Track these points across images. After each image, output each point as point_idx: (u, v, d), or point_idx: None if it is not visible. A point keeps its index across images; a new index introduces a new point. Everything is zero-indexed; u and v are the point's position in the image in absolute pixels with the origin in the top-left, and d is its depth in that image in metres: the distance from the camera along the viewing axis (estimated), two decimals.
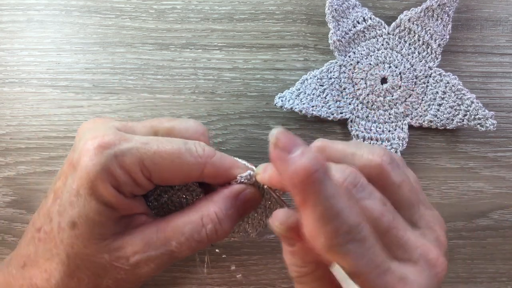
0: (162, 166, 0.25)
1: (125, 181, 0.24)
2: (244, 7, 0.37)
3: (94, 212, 0.24)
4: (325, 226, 0.19)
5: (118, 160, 0.24)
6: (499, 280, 0.36)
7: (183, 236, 0.25)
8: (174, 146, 0.25)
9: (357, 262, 0.19)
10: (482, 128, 0.34)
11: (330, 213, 0.19)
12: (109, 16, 0.36)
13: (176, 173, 0.25)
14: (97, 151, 0.24)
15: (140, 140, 0.25)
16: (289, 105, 0.35)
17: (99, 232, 0.24)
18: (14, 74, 0.36)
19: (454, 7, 0.35)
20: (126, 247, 0.24)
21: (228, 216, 0.26)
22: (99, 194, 0.24)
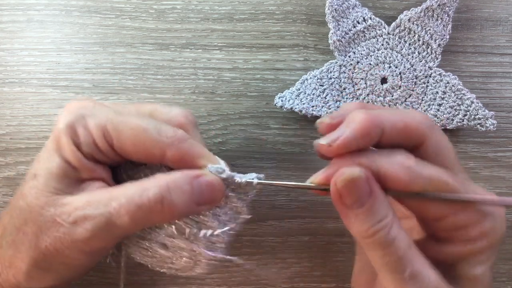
0: (125, 136, 0.24)
1: (86, 141, 0.25)
2: (244, 7, 0.37)
3: (54, 166, 0.24)
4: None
5: (83, 120, 0.25)
6: (499, 280, 0.36)
7: (124, 197, 0.23)
8: (144, 121, 0.25)
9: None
10: (482, 128, 0.34)
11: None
12: (109, 16, 0.36)
13: (138, 147, 0.25)
14: (71, 110, 0.25)
15: (114, 108, 0.26)
16: (289, 105, 0.35)
17: (53, 185, 0.24)
18: (14, 74, 0.36)
19: (454, 7, 0.35)
20: (71, 203, 0.24)
21: (181, 190, 0.24)
22: (62, 149, 0.25)
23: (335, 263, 0.36)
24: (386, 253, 0.22)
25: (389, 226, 0.22)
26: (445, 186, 0.22)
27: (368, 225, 0.22)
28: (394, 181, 0.22)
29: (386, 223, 0.22)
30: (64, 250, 0.24)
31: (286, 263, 0.36)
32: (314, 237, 0.36)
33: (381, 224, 0.22)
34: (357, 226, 0.23)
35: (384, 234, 0.22)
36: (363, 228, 0.22)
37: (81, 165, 0.25)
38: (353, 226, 0.23)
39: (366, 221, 0.22)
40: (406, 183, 0.22)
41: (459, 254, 0.24)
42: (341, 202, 0.22)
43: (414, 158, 0.23)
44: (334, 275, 0.36)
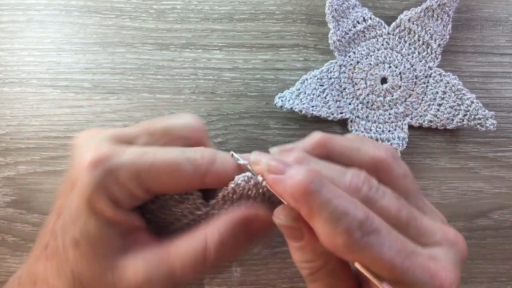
0: (161, 178, 0.24)
1: (123, 196, 0.24)
2: (244, 7, 0.37)
3: (95, 229, 0.24)
4: (337, 227, 0.19)
5: (113, 175, 0.23)
6: (499, 280, 0.36)
7: (187, 260, 0.24)
8: (171, 156, 0.24)
9: (380, 251, 0.20)
10: (482, 128, 0.34)
11: (336, 214, 0.19)
12: (109, 16, 0.36)
13: (176, 185, 0.25)
14: (92, 167, 0.23)
15: (135, 151, 0.24)
16: (289, 105, 0.35)
17: (102, 251, 0.24)
18: (14, 74, 0.36)
19: (454, 7, 0.35)
20: (128, 269, 0.24)
21: (238, 243, 0.25)
22: (98, 210, 0.23)
23: None
24: (308, 285, 0.23)
25: (316, 269, 0.23)
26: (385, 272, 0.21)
27: (297, 259, 0.23)
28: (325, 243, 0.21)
29: (312, 266, 0.23)
30: None
31: (286, 263, 0.36)
32: None
33: (308, 265, 0.23)
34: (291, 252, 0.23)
35: (308, 272, 0.23)
36: (294, 257, 0.23)
37: (123, 219, 0.24)
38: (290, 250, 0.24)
39: (296, 255, 0.23)
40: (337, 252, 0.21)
41: None
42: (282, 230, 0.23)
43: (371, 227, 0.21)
44: None
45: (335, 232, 0.20)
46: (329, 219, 0.20)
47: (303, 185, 0.20)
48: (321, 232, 0.20)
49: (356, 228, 0.19)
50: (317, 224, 0.20)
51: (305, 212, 0.20)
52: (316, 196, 0.20)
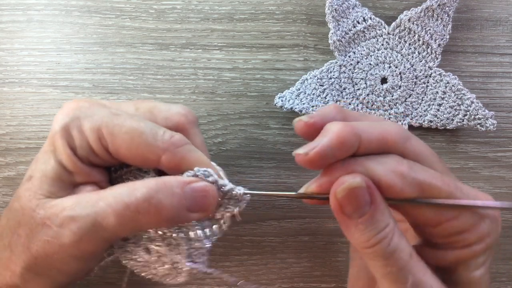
0: (120, 140, 0.24)
1: (81, 145, 0.24)
2: (244, 7, 0.37)
3: (49, 169, 0.24)
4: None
5: (78, 122, 0.24)
6: (499, 280, 0.36)
7: (112, 197, 0.23)
8: (138, 124, 0.24)
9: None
10: (482, 128, 0.34)
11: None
12: (109, 16, 0.36)
13: (133, 151, 0.24)
14: (66, 111, 0.25)
15: (112, 111, 0.25)
16: (289, 105, 0.35)
17: (47, 188, 0.24)
18: (14, 74, 0.36)
19: (454, 7, 0.35)
20: (59, 205, 0.24)
21: (172, 192, 0.23)
22: (57, 152, 0.24)
23: (335, 263, 0.36)
24: (387, 263, 0.22)
25: (390, 236, 0.22)
26: (440, 191, 0.22)
27: (369, 236, 0.22)
28: (388, 188, 0.22)
29: (387, 233, 0.22)
30: (53, 254, 0.23)
31: (286, 263, 0.36)
32: (314, 237, 0.36)
33: (381, 235, 0.22)
34: (357, 236, 0.22)
35: (386, 244, 0.21)
36: (363, 238, 0.22)
37: (76, 168, 0.25)
38: (353, 236, 0.22)
39: (367, 231, 0.22)
40: (400, 190, 0.21)
41: (457, 259, 0.23)
42: (341, 212, 0.22)
43: (407, 163, 0.22)
44: (334, 275, 0.36)
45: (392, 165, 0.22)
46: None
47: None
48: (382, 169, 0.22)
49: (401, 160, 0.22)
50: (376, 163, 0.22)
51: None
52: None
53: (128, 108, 0.27)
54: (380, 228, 0.22)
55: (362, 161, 0.22)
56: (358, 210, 0.21)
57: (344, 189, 0.21)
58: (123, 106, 0.27)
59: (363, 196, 0.21)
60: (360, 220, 0.22)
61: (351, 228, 0.22)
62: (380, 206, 0.22)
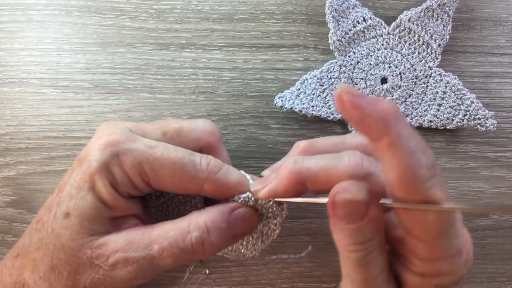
0: (162, 174, 0.25)
1: (123, 181, 0.25)
2: (244, 7, 0.37)
3: (89, 206, 0.24)
4: (413, 159, 0.19)
5: (118, 159, 0.24)
6: (499, 280, 0.36)
7: (167, 241, 0.24)
8: (178, 155, 0.25)
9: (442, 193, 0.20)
10: (482, 128, 0.34)
11: (416, 148, 0.19)
12: (109, 16, 0.36)
13: (175, 184, 0.25)
14: (102, 148, 0.24)
15: (146, 142, 0.25)
16: (289, 105, 0.35)
17: (88, 226, 0.24)
18: (14, 74, 0.36)
19: (454, 7, 0.35)
20: (108, 245, 0.24)
21: (219, 229, 0.25)
22: (97, 189, 0.24)
23: (335, 263, 0.36)
24: (356, 270, 0.22)
25: (370, 250, 0.22)
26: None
27: (349, 242, 0.22)
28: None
29: (368, 246, 0.22)
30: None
31: (286, 263, 0.36)
32: (314, 237, 0.36)
33: (362, 246, 0.22)
34: (339, 237, 0.22)
35: (362, 255, 0.22)
36: (344, 242, 0.22)
37: (118, 204, 0.25)
38: (336, 234, 0.23)
39: (350, 238, 0.22)
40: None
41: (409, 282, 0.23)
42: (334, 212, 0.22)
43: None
44: (334, 275, 0.36)
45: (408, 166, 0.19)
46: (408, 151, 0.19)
47: (395, 109, 0.19)
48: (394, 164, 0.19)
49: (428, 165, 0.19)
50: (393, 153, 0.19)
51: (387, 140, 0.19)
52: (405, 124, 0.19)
53: (155, 132, 0.27)
54: (364, 240, 0.22)
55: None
56: (349, 218, 0.21)
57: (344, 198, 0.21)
58: (149, 129, 0.27)
59: (360, 209, 0.21)
60: (347, 226, 0.22)
61: (337, 227, 0.22)
62: (372, 221, 0.21)
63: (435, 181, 0.20)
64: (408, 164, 0.19)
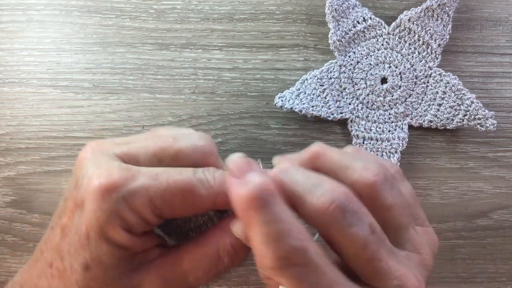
0: (174, 203, 0.23)
1: (136, 223, 0.23)
2: (244, 7, 0.37)
3: (107, 255, 0.23)
4: (267, 249, 0.19)
5: (127, 203, 0.22)
6: (499, 280, 0.36)
7: (200, 271, 0.24)
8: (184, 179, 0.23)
9: (300, 285, 0.20)
10: (482, 128, 0.34)
11: (270, 237, 0.19)
12: (109, 16, 0.36)
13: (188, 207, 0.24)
14: (105, 194, 0.22)
15: (148, 174, 0.23)
16: (289, 105, 0.35)
17: (113, 273, 0.23)
18: (14, 74, 0.36)
19: (454, 7, 0.35)
20: (143, 285, 0.24)
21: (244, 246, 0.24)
22: (110, 237, 0.23)
23: None
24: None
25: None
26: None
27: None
28: None
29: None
30: None
31: None
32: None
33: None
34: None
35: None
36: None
37: (135, 244, 0.24)
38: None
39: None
40: None
41: None
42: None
43: None
44: None
45: (264, 252, 0.19)
46: (263, 239, 0.19)
47: (249, 196, 0.19)
48: (254, 245, 0.20)
49: (282, 256, 0.19)
50: (251, 237, 0.20)
51: (244, 224, 0.20)
52: (256, 212, 0.19)
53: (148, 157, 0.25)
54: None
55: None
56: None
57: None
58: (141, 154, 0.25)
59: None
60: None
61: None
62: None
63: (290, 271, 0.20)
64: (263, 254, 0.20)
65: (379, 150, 0.35)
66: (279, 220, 0.19)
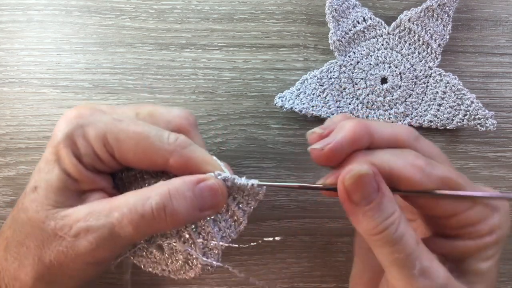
0: (126, 145, 0.24)
1: (86, 152, 0.24)
2: (244, 7, 0.37)
3: (54, 179, 0.24)
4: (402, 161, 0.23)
5: (82, 130, 0.24)
6: (499, 280, 0.36)
7: (126, 207, 0.23)
8: (143, 129, 0.24)
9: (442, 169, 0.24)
10: (482, 128, 0.34)
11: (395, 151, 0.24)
12: (109, 16, 0.36)
13: (140, 156, 0.24)
14: (68, 120, 0.25)
15: (114, 116, 0.25)
16: (289, 105, 0.35)
17: (53, 198, 0.24)
18: (14, 74, 0.36)
19: (454, 7, 0.35)
20: (71, 215, 0.24)
21: (183, 197, 0.24)
22: (62, 161, 0.24)
23: (335, 263, 0.36)
24: (395, 250, 0.22)
25: (397, 223, 0.22)
26: (455, 184, 0.23)
27: (376, 222, 0.22)
28: (407, 181, 0.23)
29: (393, 219, 0.22)
30: (68, 263, 0.24)
31: (286, 263, 0.36)
32: (314, 237, 0.36)
33: (389, 221, 0.22)
34: (365, 223, 0.22)
35: (392, 231, 0.22)
36: (371, 225, 0.22)
37: (82, 176, 0.25)
38: (361, 224, 0.23)
39: (374, 218, 0.22)
40: (419, 182, 0.22)
41: (467, 250, 0.24)
42: (349, 200, 0.22)
43: (424, 158, 0.23)
44: (334, 275, 0.36)
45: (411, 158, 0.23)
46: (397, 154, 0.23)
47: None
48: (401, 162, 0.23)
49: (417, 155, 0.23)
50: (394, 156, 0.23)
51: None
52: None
53: (128, 113, 0.26)
54: (387, 214, 0.22)
55: (379, 154, 0.23)
56: (366, 197, 0.22)
57: (352, 176, 0.22)
58: (123, 110, 0.27)
59: (371, 183, 0.22)
60: (367, 207, 0.22)
61: (358, 215, 0.23)
62: (386, 193, 0.22)
63: (432, 163, 0.23)
64: (405, 160, 0.22)
65: None
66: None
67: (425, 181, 0.22)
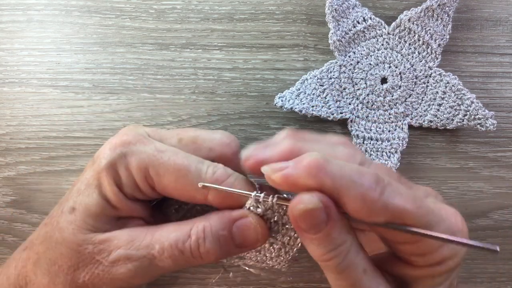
0: (166, 180, 0.24)
1: (127, 183, 0.25)
2: (244, 7, 0.37)
3: (94, 204, 0.24)
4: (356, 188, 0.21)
5: (125, 160, 0.24)
6: (499, 280, 0.36)
7: (167, 242, 0.24)
8: (185, 162, 0.24)
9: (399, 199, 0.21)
10: (482, 128, 0.34)
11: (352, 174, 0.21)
12: (109, 16, 0.36)
13: (179, 190, 0.25)
14: (112, 147, 0.25)
15: (158, 147, 0.25)
16: (289, 105, 0.35)
17: (91, 223, 0.24)
18: (14, 74, 0.36)
19: (454, 7, 0.35)
20: (111, 241, 0.24)
21: (217, 237, 0.24)
22: (103, 187, 0.24)
23: None
24: (340, 277, 0.22)
25: (345, 253, 0.22)
26: (410, 217, 0.21)
27: (323, 251, 0.22)
28: (355, 213, 0.21)
29: (341, 250, 0.22)
30: (101, 285, 0.24)
31: None
32: None
33: (336, 251, 0.22)
34: (312, 249, 0.22)
35: (339, 260, 0.22)
36: (318, 252, 0.22)
37: (122, 205, 0.25)
38: (309, 248, 0.23)
39: (321, 247, 0.22)
40: (367, 216, 0.21)
41: (417, 275, 0.23)
42: (297, 226, 0.22)
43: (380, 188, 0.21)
44: None
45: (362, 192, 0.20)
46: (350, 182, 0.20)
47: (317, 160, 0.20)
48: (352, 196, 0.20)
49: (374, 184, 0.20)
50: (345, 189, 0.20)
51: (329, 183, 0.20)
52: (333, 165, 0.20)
53: (171, 139, 0.26)
54: (335, 245, 0.22)
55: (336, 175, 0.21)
56: (314, 227, 0.21)
57: (300, 209, 0.21)
58: (167, 135, 0.27)
59: (319, 216, 0.21)
60: (315, 236, 0.22)
61: (306, 240, 0.22)
62: (336, 224, 0.21)
63: (388, 193, 0.20)
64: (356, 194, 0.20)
65: (379, 150, 0.35)
66: (346, 165, 0.21)
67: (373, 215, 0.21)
